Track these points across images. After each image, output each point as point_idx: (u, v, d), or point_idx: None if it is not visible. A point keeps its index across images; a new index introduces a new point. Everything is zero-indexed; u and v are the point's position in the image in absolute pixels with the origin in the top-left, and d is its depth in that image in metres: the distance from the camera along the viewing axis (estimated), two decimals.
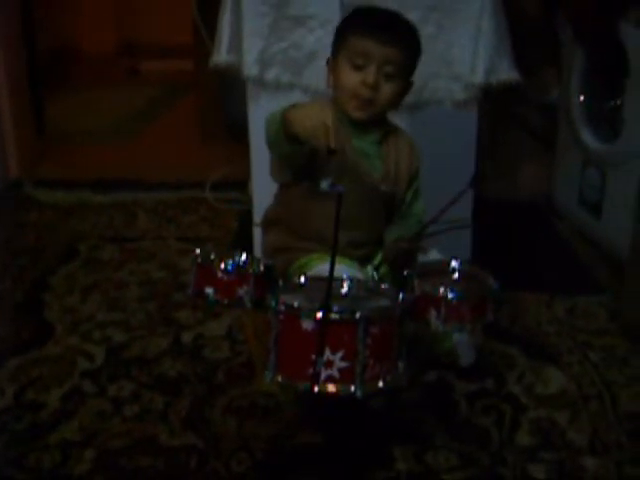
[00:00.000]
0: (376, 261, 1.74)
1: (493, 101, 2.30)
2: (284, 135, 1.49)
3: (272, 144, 1.60)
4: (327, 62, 1.73)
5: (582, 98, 2.68)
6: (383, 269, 1.72)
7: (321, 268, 1.57)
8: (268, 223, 1.80)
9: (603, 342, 2.03)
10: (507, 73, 2.11)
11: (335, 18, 1.94)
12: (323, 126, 1.40)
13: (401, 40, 1.65)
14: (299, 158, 1.57)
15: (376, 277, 1.71)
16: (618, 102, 2.52)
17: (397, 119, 1.78)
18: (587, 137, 2.65)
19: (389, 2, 1.84)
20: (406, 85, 1.70)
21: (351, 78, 1.64)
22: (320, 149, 1.44)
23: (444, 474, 1.55)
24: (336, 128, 1.43)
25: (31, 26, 3.52)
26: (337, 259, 1.31)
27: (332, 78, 1.70)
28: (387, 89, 1.65)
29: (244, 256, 1.57)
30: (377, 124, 1.71)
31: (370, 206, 1.71)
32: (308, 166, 1.59)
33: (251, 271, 1.53)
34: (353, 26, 1.67)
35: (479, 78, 2.10)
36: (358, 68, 1.63)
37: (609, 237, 2.51)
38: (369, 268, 1.72)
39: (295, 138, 1.47)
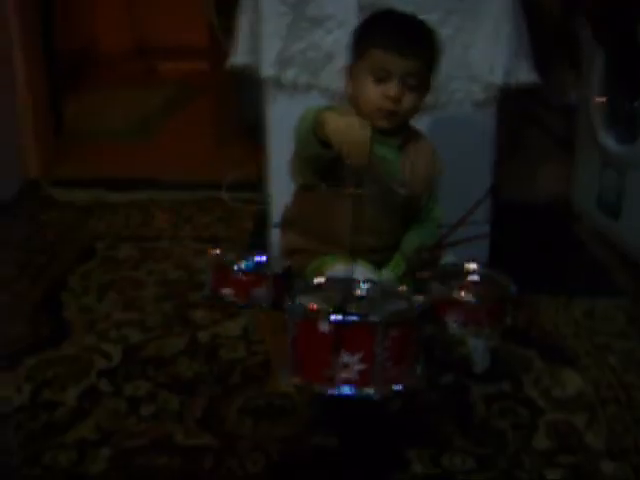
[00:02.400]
0: (392, 265, 1.73)
1: (512, 103, 2.29)
2: (314, 137, 1.48)
3: (300, 143, 1.58)
4: (345, 69, 1.70)
5: (601, 100, 2.67)
6: (398, 273, 1.71)
7: (337, 269, 1.57)
8: (285, 224, 1.80)
9: (621, 345, 2.02)
10: (526, 74, 2.10)
11: (352, 19, 1.94)
12: (361, 144, 1.38)
13: (423, 52, 1.63)
14: (324, 161, 1.56)
15: (391, 280, 1.70)
16: (637, 104, 2.51)
17: (415, 120, 1.77)
18: (606, 139, 2.63)
19: (406, 5, 1.83)
20: (428, 90, 1.70)
21: (373, 91, 1.62)
22: (348, 160, 1.42)
23: (461, 477, 1.55)
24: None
25: (50, 27, 3.54)
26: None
27: (351, 86, 1.68)
28: (410, 99, 1.63)
29: (261, 256, 1.56)
30: (398, 130, 1.70)
31: (388, 212, 1.70)
32: (330, 169, 1.58)
33: (268, 271, 1.53)
34: (373, 38, 1.63)
35: (498, 79, 2.09)
36: (380, 81, 1.61)
37: (628, 239, 2.50)
38: (385, 272, 1.71)
39: (325, 141, 1.46)
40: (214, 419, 1.71)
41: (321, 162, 1.57)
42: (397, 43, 1.60)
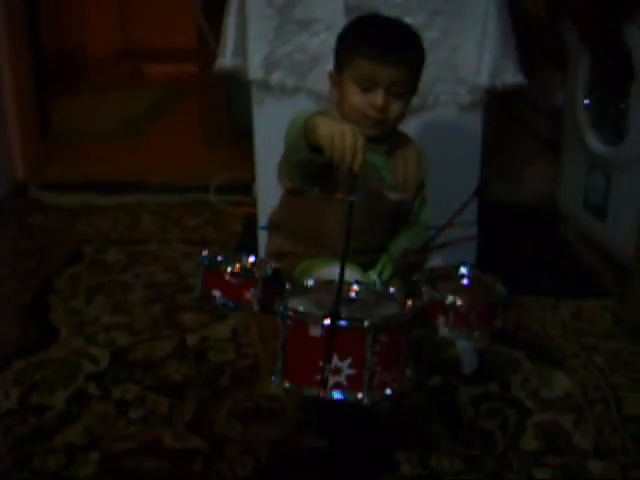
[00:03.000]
0: (379, 267, 1.73)
1: (498, 104, 2.30)
2: (304, 141, 1.47)
3: (290, 147, 1.57)
4: (330, 76, 1.69)
5: (587, 101, 2.68)
6: (386, 275, 1.72)
7: (325, 271, 1.57)
8: (272, 227, 1.80)
9: (608, 346, 2.03)
10: (512, 76, 2.11)
11: (339, 21, 1.94)
12: (355, 149, 1.36)
13: (408, 59, 1.62)
14: (314, 166, 1.55)
15: (379, 282, 1.70)
16: (623, 105, 2.52)
17: (402, 123, 1.77)
18: (592, 140, 2.65)
19: (393, 7, 1.84)
20: (414, 94, 1.69)
21: (359, 100, 1.61)
22: (341, 167, 1.41)
23: (449, 478, 1.55)
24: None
25: (37, 29, 3.53)
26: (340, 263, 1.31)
27: (337, 93, 1.67)
28: (396, 107, 1.62)
29: (251, 259, 1.57)
30: (386, 136, 1.69)
31: (376, 216, 1.70)
32: (320, 174, 1.57)
33: (258, 274, 1.53)
34: (357, 47, 1.61)
35: (484, 81, 2.10)
36: (365, 89, 1.60)
37: (614, 240, 2.51)
38: (372, 273, 1.71)
39: (315, 146, 1.44)
40: (203, 422, 1.70)
41: (311, 167, 1.56)
42: (381, 52, 1.58)
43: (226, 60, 2.17)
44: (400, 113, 1.64)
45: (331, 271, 1.43)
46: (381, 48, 1.59)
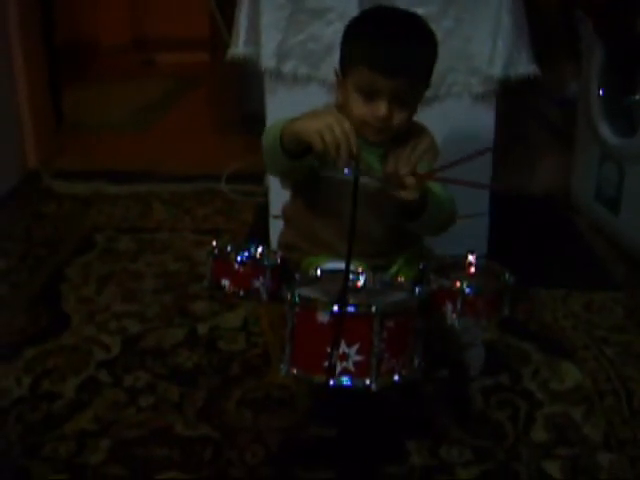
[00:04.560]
0: (393, 270, 1.70)
1: (511, 96, 2.29)
2: (282, 149, 1.44)
3: (268, 159, 1.55)
4: (335, 74, 1.64)
5: (601, 93, 2.67)
6: (408, 274, 1.68)
7: (330, 265, 1.55)
8: (284, 219, 1.79)
9: (619, 338, 2.02)
10: (526, 67, 2.10)
11: (353, 10, 1.94)
12: (344, 134, 1.33)
13: (413, 67, 1.52)
14: (300, 172, 1.53)
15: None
16: (637, 97, 2.51)
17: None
18: (605, 132, 2.63)
19: None
20: (423, 95, 1.61)
21: (361, 109, 1.53)
22: (339, 159, 1.38)
23: (458, 469, 1.55)
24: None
25: (49, 19, 3.54)
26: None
27: (340, 96, 1.61)
28: (401, 115, 1.54)
29: (260, 248, 1.57)
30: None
31: (383, 218, 1.64)
32: (307, 177, 1.55)
33: (267, 263, 1.53)
34: (359, 53, 1.53)
35: (497, 71, 2.08)
36: (368, 96, 1.52)
37: (626, 233, 2.50)
38: (384, 275, 1.67)
39: (295, 152, 1.42)
40: (213, 410, 1.71)
41: (297, 174, 1.55)
42: (384, 61, 1.49)
43: (238, 49, 2.16)
44: (405, 119, 1.57)
45: (337, 264, 1.42)
46: (384, 56, 1.50)
